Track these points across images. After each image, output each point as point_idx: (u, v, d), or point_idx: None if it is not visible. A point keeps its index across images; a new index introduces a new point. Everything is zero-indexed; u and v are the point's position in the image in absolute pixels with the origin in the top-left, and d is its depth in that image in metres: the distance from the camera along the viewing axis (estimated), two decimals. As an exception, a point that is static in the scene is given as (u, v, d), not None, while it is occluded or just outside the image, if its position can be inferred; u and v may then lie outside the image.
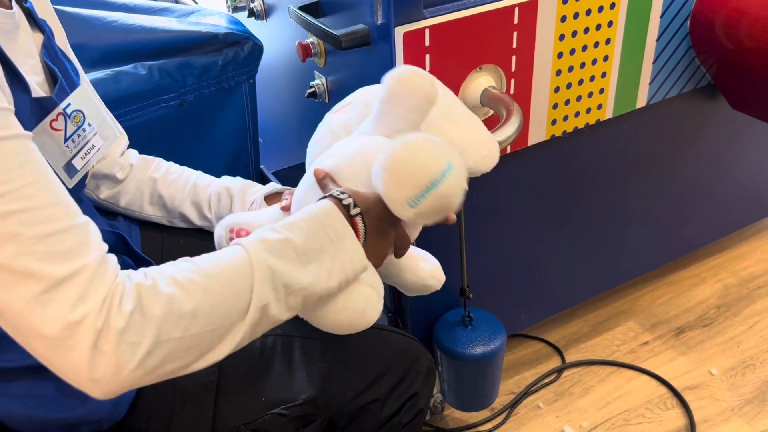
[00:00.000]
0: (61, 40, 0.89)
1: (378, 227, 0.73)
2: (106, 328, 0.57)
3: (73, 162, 0.76)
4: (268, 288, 0.65)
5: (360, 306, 0.74)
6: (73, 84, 0.81)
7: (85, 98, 0.80)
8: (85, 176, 0.82)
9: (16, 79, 0.69)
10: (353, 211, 0.71)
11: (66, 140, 0.75)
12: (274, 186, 1.00)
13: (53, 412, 0.75)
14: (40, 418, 0.75)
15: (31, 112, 0.71)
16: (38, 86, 0.74)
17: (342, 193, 0.72)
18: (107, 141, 0.83)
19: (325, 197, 0.72)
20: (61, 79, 0.78)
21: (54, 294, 0.56)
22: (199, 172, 1.05)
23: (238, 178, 1.03)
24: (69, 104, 0.76)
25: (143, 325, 0.58)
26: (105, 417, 0.77)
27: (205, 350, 0.63)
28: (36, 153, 0.60)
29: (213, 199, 1.00)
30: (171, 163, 1.06)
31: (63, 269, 0.56)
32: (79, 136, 0.77)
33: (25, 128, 0.67)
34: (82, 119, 0.77)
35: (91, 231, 0.60)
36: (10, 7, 0.73)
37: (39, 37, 0.79)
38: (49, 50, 0.79)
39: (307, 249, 0.67)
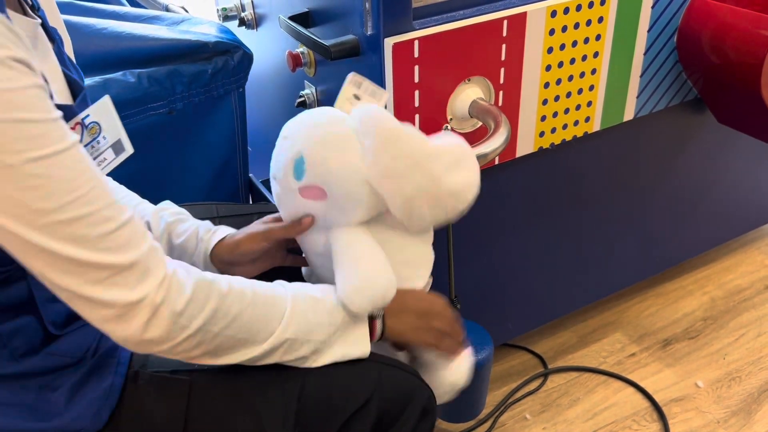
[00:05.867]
0: (68, 49, 0.89)
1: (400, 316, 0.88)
2: (164, 306, 0.68)
3: None
4: (294, 325, 0.78)
5: None
6: (82, 88, 0.81)
7: (105, 111, 0.81)
8: None
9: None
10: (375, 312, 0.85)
11: None
12: (228, 229, 0.96)
13: (31, 422, 0.74)
14: (18, 429, 0.74)
15: None
16: (58, 93, 0.74)
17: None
18: (119, 155, 0.84)
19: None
20: (85, 92, 0.80)
21: (118, 279, 0.66)
22: (138, 202, 1.00)
23: (167, 210, 0.99)
24: (88, 115, 0.77)
25: (196, 313, 0.70)
26: (85, 427, 0.76)
27: (230, 351, 0.75)
28: (88, 156, 0.67)
29: None
30: (115, 185, 1.01)
31: (124, 259, 0.66)
32: (93, 147, 0.79)
33: None
34: (98, 131, 0.79)
35: (138, 223, 0.69)
36: (34, 17, 0.75)
37: (51, 46, 0.79)
38: (61, 60, 0.80)
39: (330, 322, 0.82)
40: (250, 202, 1.56)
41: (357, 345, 0.84)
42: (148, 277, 0.68)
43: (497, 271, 1.44)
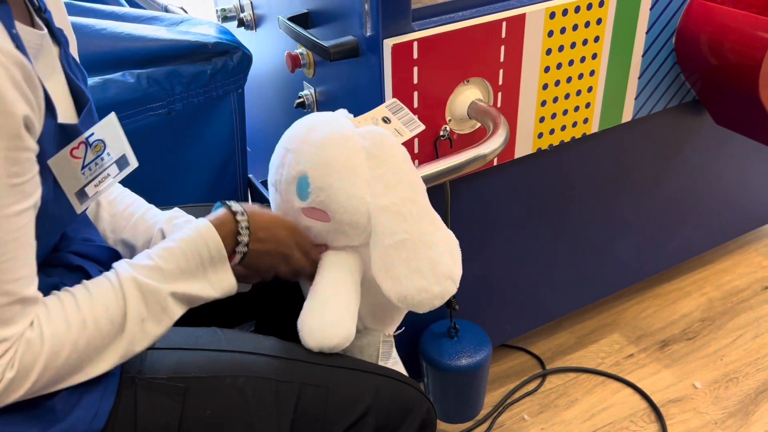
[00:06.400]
0: (73, 49, 0.88)
1: (262, 250, 0.84)
2: (2, 381, 0.67)
3: (86, 189, 0.77)
4: (142, 307, 0.75)
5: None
6: (87, 99, 0.81)
7: (110, 129, 0.80)
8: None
9: (47, 104, 0.69)
10: (239, 249, 0.82)
11: (83, 168, 0.76)
12: None
13: (34, 428, 0.74)
14: None
15: (55, 137, 0.71)
16: (60, 104, 0.74)
17: (246, 226, 0.83)
18: (123, 170, 0.83)
19: (218, 214, 0.84)
20: (90, 104, 0.79)
21: None
22: (146, 208, 0.98)
23: (180, 218, 0.96)
24: (93, 134, 0.76)
25: (28, 371, 0.68)
26: (84, 431, 0.76)
27: (85, 366, 0.73)
28: (28, 226, 0.66)
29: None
30: (122, 190, 1.00)
31: None
32: (96, 164, 0.78)
33: (47, 153, 0.70)
34: (102, 148, 0.78)
35: (32, 300, 0.68)
36: (41, 28, 0.74)
37: (56, 50, 0.78)
38: (66, 63, 0.79)
39: (179, 270, 0.77)
40: (250, 203, 1.56)
41: (221, 272, 0.82)
42: (7, 353, 0.67)
43: (495, 272, 1.44)
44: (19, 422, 0.73)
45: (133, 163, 0.84)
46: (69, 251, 0.81)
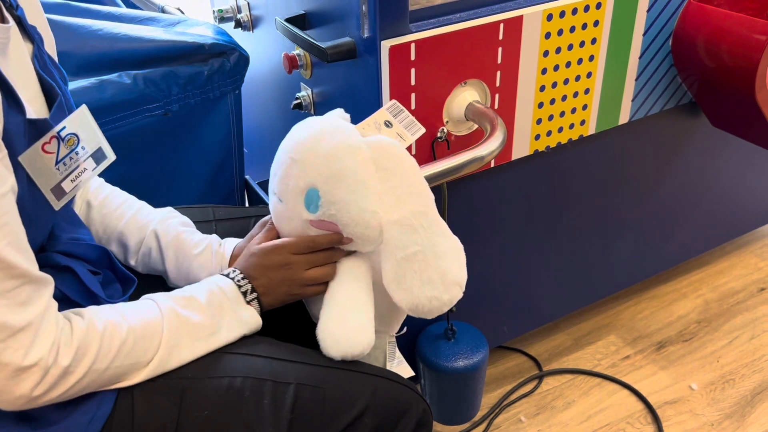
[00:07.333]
0: (50, 46, 0.87)
1: (271, 287, 0.87)
2: (54, 367, 0.69)
3: (62, 185, 0.75)
4: (174, 335, 0.79)
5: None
6: (65, 95, 0.79)
7: (82, 121, 0.78)
8: (74, 197, 0.81)
9: (11, 99, 0.68)
10: (249, 297, 0.85)
11: (57, 163, 0.74)
12: (234, 241, 0.97)
13: (28, 430, 0.73)
14: None
15: (24, 133, 0.70)
16: (32, 100, 0.72)
17: (242, 278, 0.86)
18: (100, 164, 0.82)
19: (226, 275, 0.87)
20: (60, 98, 0.77)
21: (11, 342, 0.66)
22: (138, 207, 0.98)
23: (175, 220, 0.97)
24: (64, 127, 0.75)
25: (80, 360, 0.71)
26: None
27: (120, 378, 0.76)
28: (11, 209, 0.66)
29: (143, 249, 0.96)
30: (112, 189, 1.00)
31: (19, 319, 0.66)
32: (71, 159, 0.76)
33: (17, 150, 0.68)
34: (76, 142, 0.77)
35: (41, 280, 0.69)
36: (6, 21, 0.72)
37: (29, 47, 0.77)
38: (39, 60, 0.78)
39: (209, 303, 0.83)
40: (246, 204, 1.56)
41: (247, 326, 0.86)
42: (40, 338, 0.68)
43: (492, 273, 1.44)
44: (12, 425, 0.73)
45: (110, 156, 0.83)
46: (56, 251, 0.80)
